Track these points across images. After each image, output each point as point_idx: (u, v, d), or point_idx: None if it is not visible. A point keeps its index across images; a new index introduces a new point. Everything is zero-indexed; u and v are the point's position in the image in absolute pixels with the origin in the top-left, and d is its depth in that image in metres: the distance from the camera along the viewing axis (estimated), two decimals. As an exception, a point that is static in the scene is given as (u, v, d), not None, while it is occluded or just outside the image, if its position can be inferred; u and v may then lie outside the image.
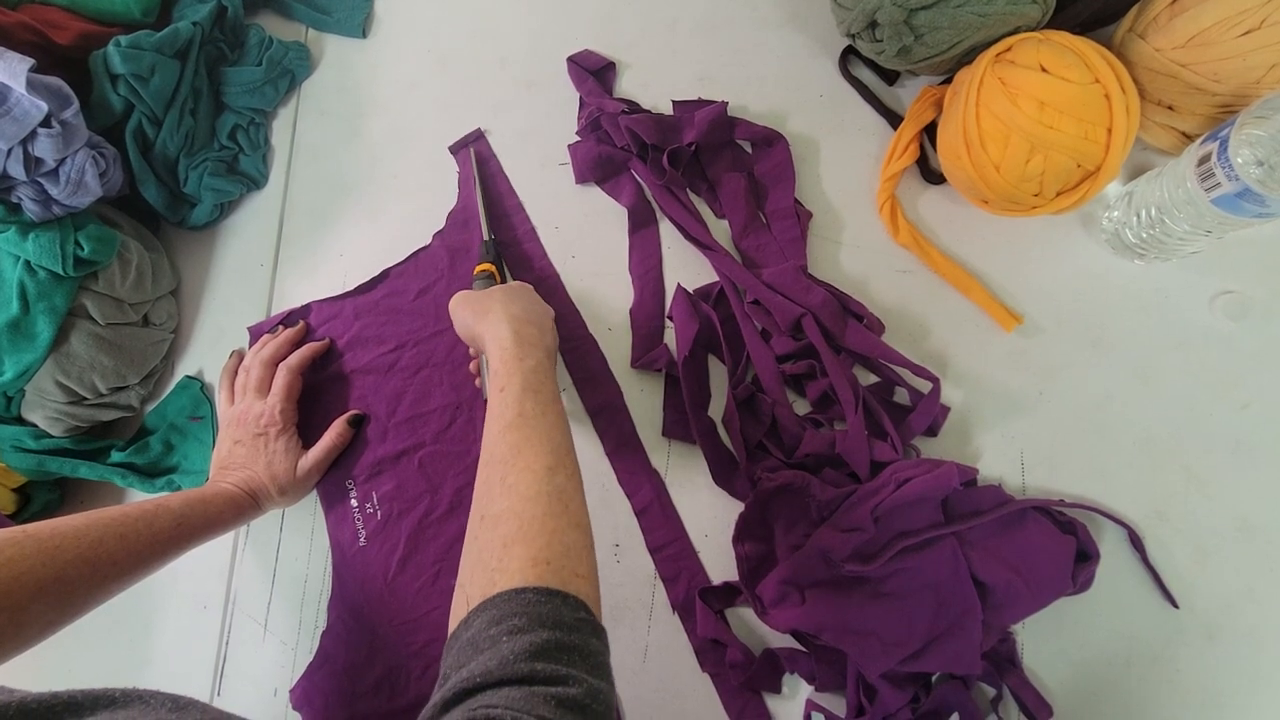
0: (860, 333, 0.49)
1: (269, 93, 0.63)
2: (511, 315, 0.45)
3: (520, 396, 0.40)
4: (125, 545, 0.42)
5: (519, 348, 0.42)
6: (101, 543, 0.41)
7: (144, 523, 0.44)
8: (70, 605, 0.40)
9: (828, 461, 0.48)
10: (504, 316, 0.45)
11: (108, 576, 0.42)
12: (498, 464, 0.38)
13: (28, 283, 0.51)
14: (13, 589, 0.37)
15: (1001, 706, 0.44)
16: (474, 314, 0.47)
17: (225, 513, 0.49)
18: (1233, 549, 0.44)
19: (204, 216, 0.62)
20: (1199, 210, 0.40)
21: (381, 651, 0.52)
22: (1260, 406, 0.45)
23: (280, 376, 0.55)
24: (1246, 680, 0.43)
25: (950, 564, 0.44)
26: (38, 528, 0.40)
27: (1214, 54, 0.41)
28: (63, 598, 0.39)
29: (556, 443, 0.39)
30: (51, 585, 0.39)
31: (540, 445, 0.38)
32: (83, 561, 0.40)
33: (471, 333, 0.47)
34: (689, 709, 0.47)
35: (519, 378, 0.41)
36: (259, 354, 0.56)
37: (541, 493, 0.36)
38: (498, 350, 0.43)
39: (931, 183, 0.52)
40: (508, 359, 0.42)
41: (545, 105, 0.61)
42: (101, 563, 0.41)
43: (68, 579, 0.39)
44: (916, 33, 0.46)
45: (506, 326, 0.44)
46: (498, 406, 0.40)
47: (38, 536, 0.39)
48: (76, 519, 0.42)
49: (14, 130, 0.48)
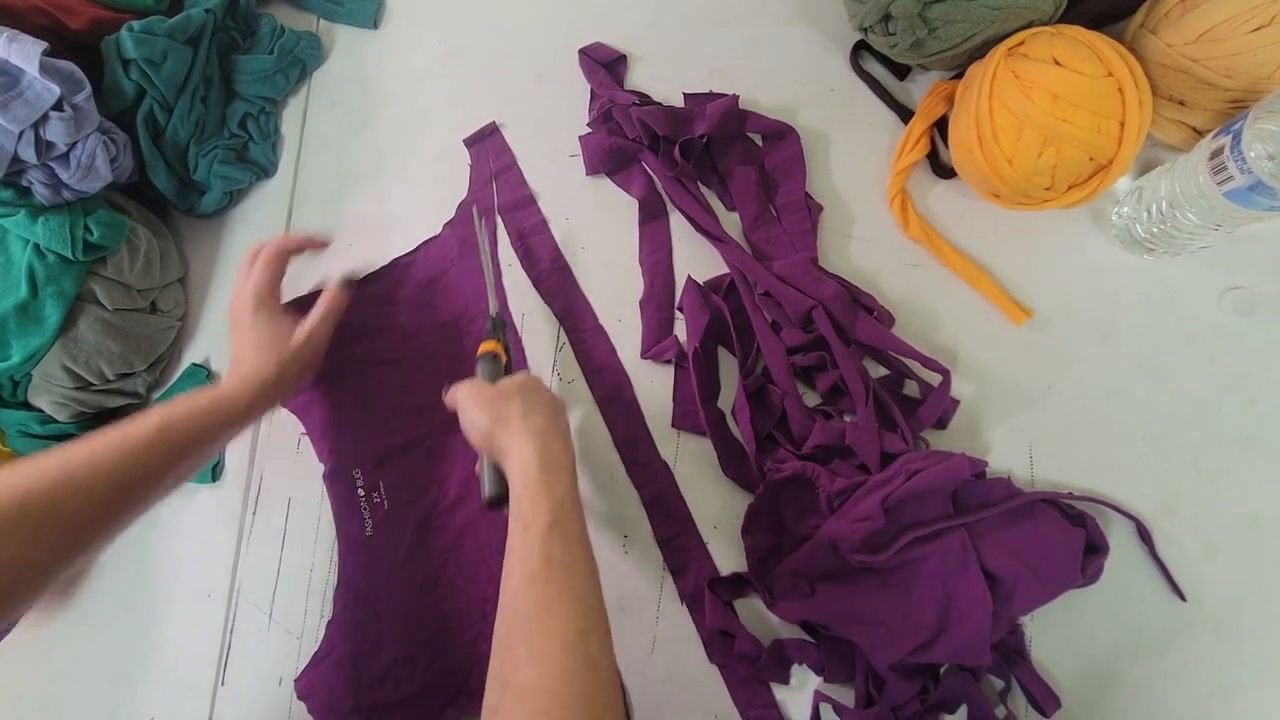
0: (870, 325, 0.49)
1: (280, 81, 0.63)
2: (536, 430, 0.40)
3: (547, 538, 0.36)
4: (101, 473, 0.38)
5: (545, 473, 0.38)
6: (72, 481, 0.37)
7: (117, 440, 0.39)
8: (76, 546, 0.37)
9: (837, 453, 0.48)
10: (526, 430, 0.40)
11: (96, 517, 0.38)
12: (522, 622, 0.34)
13: (36, 266, 0.51)
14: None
15: (1010, 698, 0.44)
16: (491, 419, 0.42)
17: (216, 410, 0.44)
18: (1241, 543, 0.44)
19: (213, 204, 0.62)
20: (1210, 204, 0.41)
21: (388, 641, 0.51)
22: (1268, 402, 0.46)
23: (258, 261, 0.51)
24: (1254, 674, 0.43)
25: (960, 555, 0.44)
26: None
27: (1225, 49, 0.42)
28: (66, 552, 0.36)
29: (588, 601, 0.35)
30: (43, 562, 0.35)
31: (570, 604, 0.34)
32: (59, 516, 0.36)
33: (489, 443, 0.42)
34: (697, 700, 0.47)
35: (546, 514, 0.37)
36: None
37: (575, 668, 0.32)
38: (520, 475, 0.39)
39: (942, 177, 0.53)
40: (533, 487, 0.38)
41: (556, 97, 0.61)
42: (80, 508, 0.37)
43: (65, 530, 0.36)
44: (930, 26, 0.46)
45: (530, 445, 0.39)
46: (521, 548, 0.36)
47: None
48: (38, 469, 0.37)
49: (26, 113, 0.48)
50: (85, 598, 0.58)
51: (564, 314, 0.56)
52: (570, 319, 0.55)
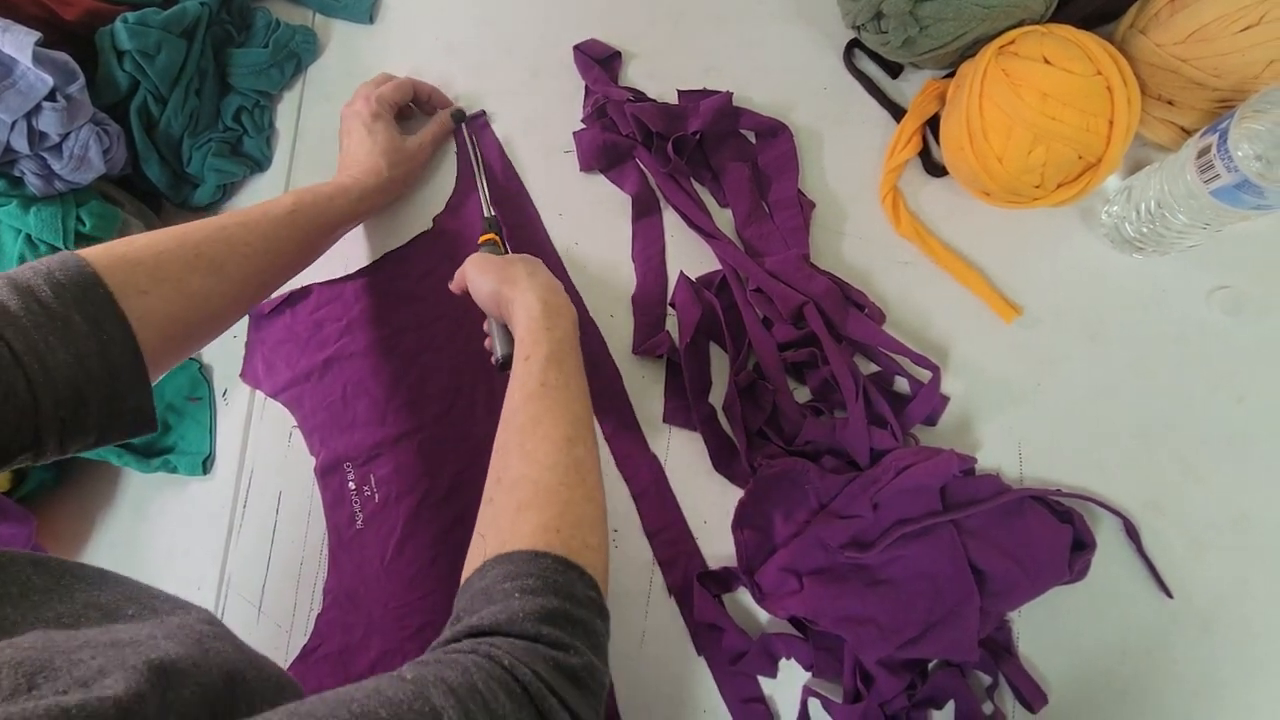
0: (861, 322, 0.49)
1: (275, 75, 0.63)
2: (539, 284, 0.45)
3: (544, 366, 0.40)
4: (253, 235, 0.45)
5: (547, 317, 0.42)
6: (229, 239, 0.44)
7: (258, 213, 0.47)
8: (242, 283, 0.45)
9: (828, 449, 0.48)
10: (531, 285, 0.44)
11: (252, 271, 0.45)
12: (515, 431, 0.38)
13: (28, 257, 0.51)
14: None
15: (997, 694, 0.44)
16: (499, 279, 0.46)
17: (336, 198, 0.51)
18: (1228, 541, 0.44)
19: (206, 197, 0.62)
20: (1198, 203, 0.41)
21: (376, 635, 0.51)
22: (1255, 400, 0.46)
23: (390, 81, 0.58)
24: (1240, 671, 0.43)
25: (948, 551, 0.44)
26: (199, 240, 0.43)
27: (1214, 49, 0.42)
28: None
29: (577, 415, 0.39)
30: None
31: (560, 416, 0.38)
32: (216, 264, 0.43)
33: (496, 297, 0.46)
34: (684, 693, 0.47)
35: (545, 347, 0.41)
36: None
37: (559, 463, 0.36)
38: (525, 318, 0.43)
39: (934, 175, 0.53)
40: (535, 328, 0.42)
41: (551, 93, 0.61)
42: (239, 260, 0.44)
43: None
44: (921, 24, 0.46)
45: (534, 294, 0.44)
46: (521, 374, 0.41)
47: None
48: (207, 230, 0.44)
49: (19, 103, 0.48)
50: (74, 590, 0.58)
51: (556, 309, 0.56)
52: (562, 314, 0.55)
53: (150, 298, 0.39)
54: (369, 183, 0.53)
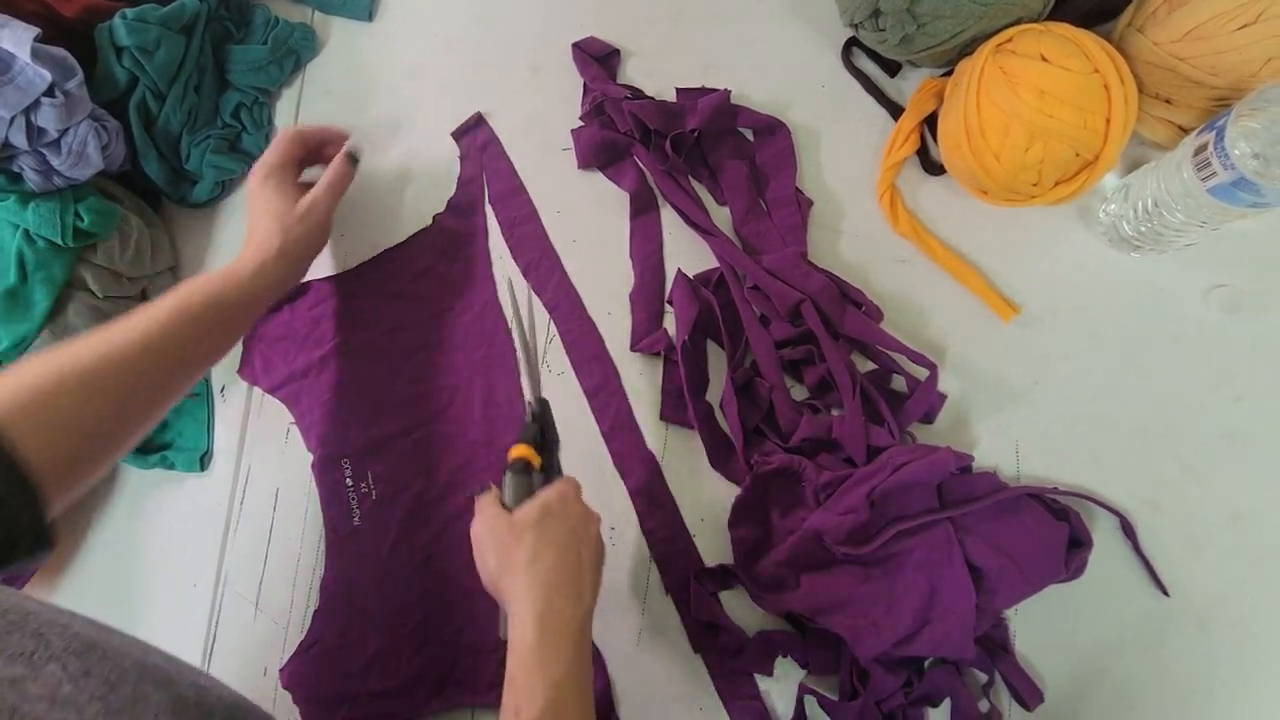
0: (859, 319, 0.49)
1: (274, 72, 0.63)
2: (541, 582, 0.37)
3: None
4: (133, 342, 0.41)
5: (541, 649, 0.35)
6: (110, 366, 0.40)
7: (142, 315, 0.43)
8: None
9: (824, 446, 0.48)
10: (531, 583, 0.37)
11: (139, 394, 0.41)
12: None
13: (26, 252, 0.51)
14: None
15: (993, 691, 0.44)
16: (498, 565, 0.39)
17: (226, 285, 0.46)
18: (1224, 539, 0.44)
19: (205, 194, 0.62)
20: (1195, 200, 0.41)
21: (373, 632, 0.51)
22: (1252, 399, 0.46)
23: (275, 136, 0.52)
24: (1236, 669, 0.43)
25: (945, 548, 0.44)
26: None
27: (1211, 48, 0.42)
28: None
29: None
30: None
31: None
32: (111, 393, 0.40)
33: (496, 590, 0.40)
34: (681, 690, 0.47)
35: (540, 698, 0.34)
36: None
37: None
38: (516, 646, 0.36)
39: (931, 173, 0.53)
40: (527, 666, 0.35)
41: (549, 91, 0.61)
42: (118, 375, 0.40)
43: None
44: (919, 21, 0.47)
45: (530, 609, 0.36)
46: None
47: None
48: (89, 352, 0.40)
49: (17, 98, 0.48)
50: (70, 585, 0.58)
51: (553, 305, 0.56)
52: (560, 310, 0.55)
53: (40, 437, 0.35)
54: (263, 256, 0.48)
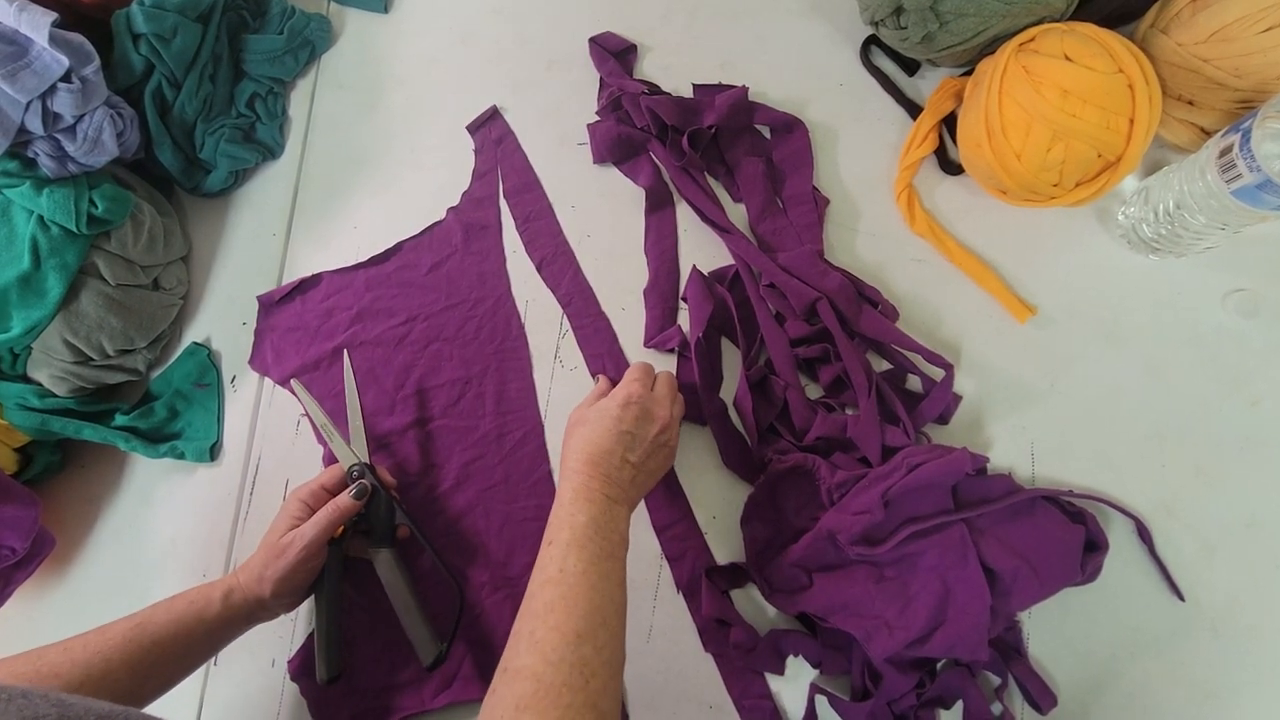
0: (874, 318, 0.49)
1: (289, 62, 0.63)
2: (587, 454, 0.43)
3: (564, 552, 0.39)
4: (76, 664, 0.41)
5: (574, 500, 0.41)
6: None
7: (95, 637, 0.43)
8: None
9: (839, 445, 0.48)
10: (580, 448, 0.43)
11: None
12: (529, 618, 0.37)
13: (40, 238, 0.51)
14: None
15: (1006, 695, 0.44)
16: (569, 429, 0.45)
17: (197, 603, 0.45)
18: (1240, 545, 0.44)
19: (218, 183, 0.62)
20: (1218, 203, 0.41)
21: (382, 624, 0.51)
22: (1270, 404, 0.46)
23: (325, 510, 0.48)
24: (1250, 675, 0.43)
25: (959, 550, 0.44)
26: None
27: (1235, 50, 0.42)
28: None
29: (594, 606, 0.37)
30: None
31: (574, 608, 0.37)
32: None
33: (566, 443, 0.45)
34: (692, 689, 0.47)
35: (566, 532, 0.40)
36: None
37: (564, 659, 0.35)
38: (559, 494, 0.42)
39: (949, 173, 0.53)
40: (560, 513, 0.41)
41: (565, 85, 0.61)
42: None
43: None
44: (942, 19, 0.46)
45: (572, 470, 0.42)
46: (543, 558, 0.40)
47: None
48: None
49: (34, 83, 0.48)
50: (79, 574, 0.58)
51: (567, 300, 0.55)
52: (573, 305, 0.55)
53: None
54: (244, 580, 0.46)
